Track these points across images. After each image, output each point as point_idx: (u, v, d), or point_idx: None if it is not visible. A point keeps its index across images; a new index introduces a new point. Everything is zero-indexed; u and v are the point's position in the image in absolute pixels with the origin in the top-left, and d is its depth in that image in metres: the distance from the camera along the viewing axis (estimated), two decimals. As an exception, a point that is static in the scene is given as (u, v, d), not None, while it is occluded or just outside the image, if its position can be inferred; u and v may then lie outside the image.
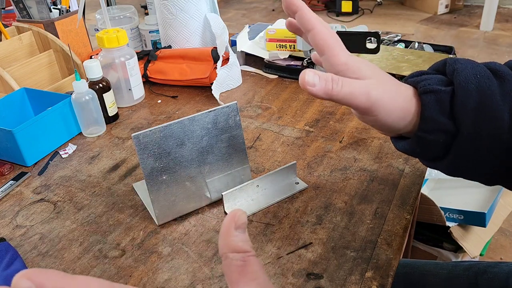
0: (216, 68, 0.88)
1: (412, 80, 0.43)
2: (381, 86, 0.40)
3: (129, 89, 0.85)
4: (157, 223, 0.56)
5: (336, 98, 0.39)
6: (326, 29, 0.42)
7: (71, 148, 0.74)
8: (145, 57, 0.94)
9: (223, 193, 0.56)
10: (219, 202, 0.59)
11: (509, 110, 0.38)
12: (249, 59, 1.03)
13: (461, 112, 0.38)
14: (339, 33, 0.83)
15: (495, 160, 0.40)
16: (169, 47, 0.98)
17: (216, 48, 0.90)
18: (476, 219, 1.19)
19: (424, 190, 1.28)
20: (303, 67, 0.93)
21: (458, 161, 0.41)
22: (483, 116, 0.38)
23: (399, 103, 0.40)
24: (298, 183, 0.61)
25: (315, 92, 0.39)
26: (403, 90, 0.41)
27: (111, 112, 0.81)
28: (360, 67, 0.41)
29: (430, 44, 1.00)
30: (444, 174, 0.44)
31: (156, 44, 1.07)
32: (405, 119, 0.41)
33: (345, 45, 0.44)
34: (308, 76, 0.39)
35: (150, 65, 0.93)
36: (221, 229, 0.29)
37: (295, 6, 0.43)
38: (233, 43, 1.04)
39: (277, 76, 0.96)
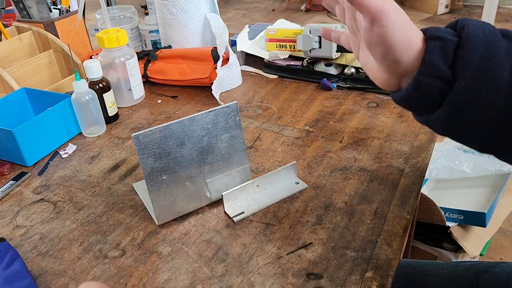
0: (216, 68, 0.88)
1: (423, 30, 0.43)
2: (397, 13, 0.41)
3: (129, 89, 0.85)
4: (157, 223, 0.56)
5: None
6: None
7: (71, 148, 0.74)
8: (145, 57, 0.94)
9: (223, 193, 0.56)
10: (219, 202, 0.59)
11: (510, 68, 0.38)
12: (249, 59, 1.03)
13: (462, 60, 0.39)
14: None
15: (490, 120, 0.40)
16: (169, 47, 0.98)
17: (216, 48, 0.90)
18: (476, 219, 1.19)
19: (424, 190, 1.28)
20: (303, 67, 0.93)
21: (452, 115, 0.40)
22: (484, 69, 0.38)
23: (408, 27, 0.41)
24: (298, 183, 0.61)
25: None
26: (413, 26, 0.42)
27: (111, 112, 0.81)
28: None
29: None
30: (444, 176, 0.43)
31: (156, 44, 1.07)
32: (409, 48, 0.41)
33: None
34: None
35: (150, 65, 0.93)
36: None
37: None
38: (233, 43, 1.04)
39: (277, 76, 0.96)
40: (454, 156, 1.29)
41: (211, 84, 0.86)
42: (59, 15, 0.95)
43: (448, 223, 1.20)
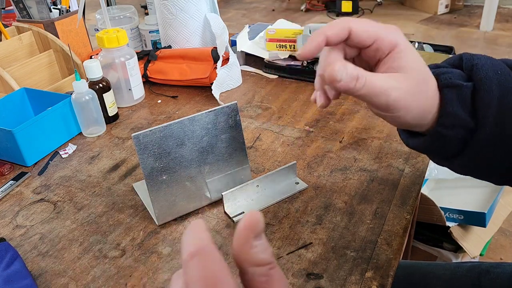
0: (216, 68, 0.88)
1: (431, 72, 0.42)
2: (406, 84, 0.38)
3: (129, 89, 0.85)
4: (157, 223, 0.56)
5: (356, 95, 0.38)
6: (360, 22, 0.40)
7: (71, 148, 0.74)
8: (145, 57, 0.94)
9: (223, 193, 0.56)
10: (219, 202, 0.59)
11: None
12: (249, 59, 1.03)
13: (483, 109, 0.38)
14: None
15: (510, 158, 0.39)
16: (169, 47, 0.98)
17: (216, 48, 0.90)
18: (476, 219, 1.19)
19: (424, 190, 1.28)
20: (303, 67, 0.93)
21: (474, 159, 0.40)
22: (505, 113, 0.37)
23: (422, 102, 0.39)
24: (298, 183, 0.61)
25: (340, 86, 0.38)
26: (429, 87, 0.40)
27: (111, 112, 0.81)
28: (408, 53, 0.39)
29: (430, 44, 1.00)
30: (444, 176, 0.43)
31: (156, 44, 1.07)
32: (425, 117, 0.40)
33: None
34: (337, 71, 0.37)
35: (150, 65, 0.93)
36: (236, 240, 0.24)
37: (318, 44, 0.39)
38: (233, 43, 1.04)
39: (277, 76, 0.96)
40: (454, 156, 1.29)
41: (211, 84, 0.86)
42: (59, 15, 0.95)
43: (448, 223, 1.20)
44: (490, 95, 0.37)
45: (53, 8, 0.94)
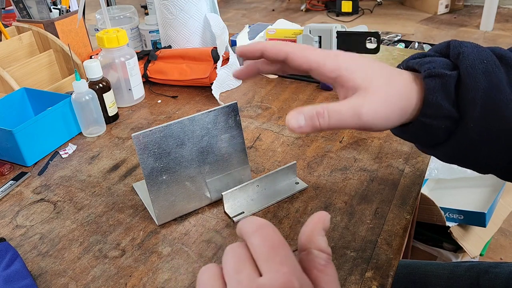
0: (216, 68, 0.88)
1: (414, 61, 0.41)
2: (375, 95, 0.38)
3: (129, 89, 0.85)
4: (157, 223, 0.56)
5: (327, 129, 0.38)
6: (299, 48, 0.41)
7: (71, 148, 0.74)
8: (145, 57, 0.94)
9: (223, 193, 0.56)
10: (219, 202, 0.59)
11: None
12: (249, 59, 1.03)
13: (467, 100, 0.37)
14: (339, 33, 0.83)
15: (497, 151, 0.38)
16: (169, 47, 0.98)
17: (216, 48, 0.90)
18: (476, 219, 1.19)
19: (424, 190, 1.28)
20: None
21: (458, 148, 0.39)
22: (489, 105, 0.36)
23: (397, 105, 0.38)
24: (298, 183, 0.61)
25: (303, 131, 0.38)
26: (399, 86, 0.39)
27: (111, 112, 0.81)
28: (354, 70, 0.39)
29: (430, 44, 1.00)
30: (444, 176, 0.43)
31: (156, 44, 1.07)
32: (406, 114, 0.39)
33: (345, 45, 0.44)
34: (291, 122, 0.38)
35: (150, 65, 0.93)
36: (307, 225, 0.30)
37: (256, 50, 0.43)
38: (233, 43, 1.04)
39: (277, 76, 0.96)
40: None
41: (211, 84, 0.86)
42: (59, 15, 0.95)
43: (448, 223, 1.20)
44: (475, 88, 0.37)
45: (53, 8, 0.94)
